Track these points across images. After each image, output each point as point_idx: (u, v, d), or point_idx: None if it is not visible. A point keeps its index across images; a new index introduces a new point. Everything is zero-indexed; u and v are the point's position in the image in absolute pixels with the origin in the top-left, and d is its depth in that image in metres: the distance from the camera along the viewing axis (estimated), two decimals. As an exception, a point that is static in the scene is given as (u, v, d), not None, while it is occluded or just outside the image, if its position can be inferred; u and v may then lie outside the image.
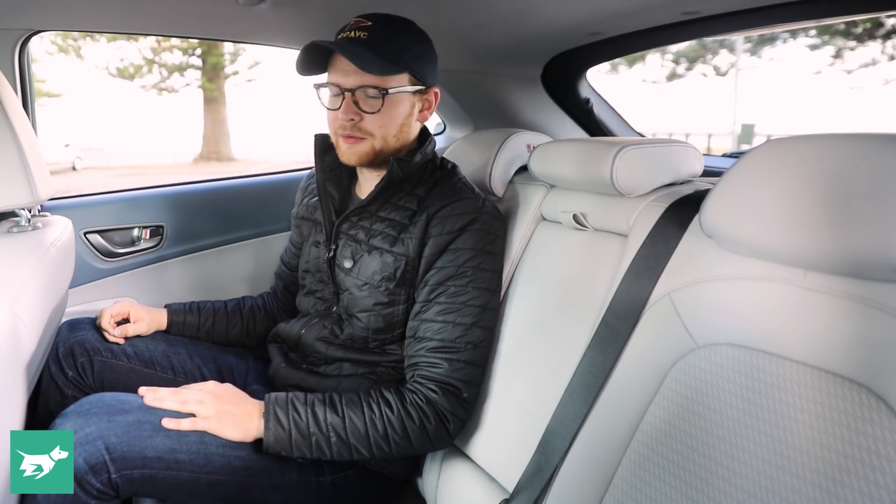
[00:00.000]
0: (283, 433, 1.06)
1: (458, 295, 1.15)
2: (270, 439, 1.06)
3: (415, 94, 1.18)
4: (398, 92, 1.14)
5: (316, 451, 1.08)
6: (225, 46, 15.17)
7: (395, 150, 1.20)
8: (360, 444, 1.09)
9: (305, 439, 1.07)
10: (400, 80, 1.14)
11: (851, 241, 0.66)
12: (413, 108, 1.19)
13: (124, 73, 15.72)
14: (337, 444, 1.08)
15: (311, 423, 1.08)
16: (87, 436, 0.97)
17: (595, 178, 1.12)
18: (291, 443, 1.06)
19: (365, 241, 1.22)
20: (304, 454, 1.08)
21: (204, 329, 1.45)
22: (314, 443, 1.07)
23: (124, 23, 1.53)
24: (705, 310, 0.84)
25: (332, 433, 1.08)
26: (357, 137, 1.16)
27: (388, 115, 1.15)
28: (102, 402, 1.04)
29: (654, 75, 19.63)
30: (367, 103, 1.14)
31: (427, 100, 1.22)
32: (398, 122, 1.17)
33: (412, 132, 1.23)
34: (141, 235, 1.74)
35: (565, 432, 0.97)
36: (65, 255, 1.23)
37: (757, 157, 0.77)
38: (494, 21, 1.48)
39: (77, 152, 14.82)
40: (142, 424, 1.02)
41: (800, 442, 0.71)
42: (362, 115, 1.14)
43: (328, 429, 1.08)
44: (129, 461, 0.98)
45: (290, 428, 1.07)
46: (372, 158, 1.19)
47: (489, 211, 1.21)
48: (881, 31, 11.63)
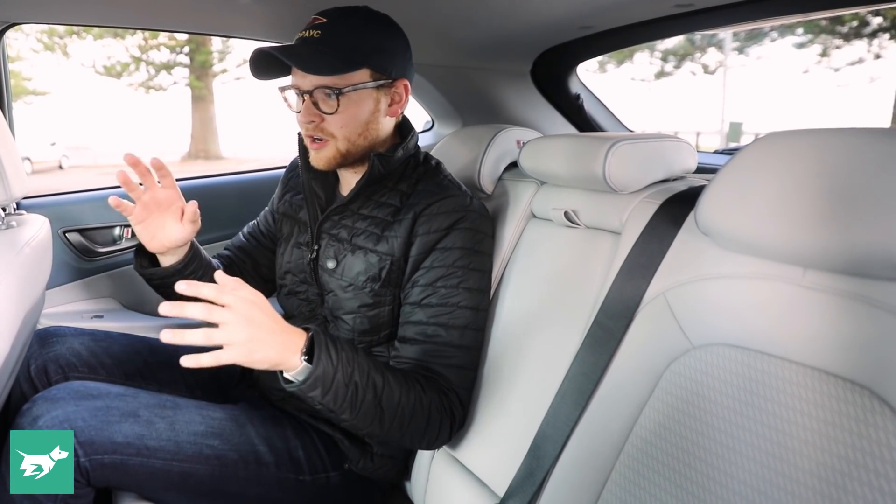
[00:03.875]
0: (331, 370, 0.92)
1: (449, 297, 1.12)
2: (318, 371, 0.90)
3: (379, 90, 1.13)
4: (355, 90, 1.09)
5: (347, 401, 0.95)
6: (213, 45, 15.08)
7: (366, 148, 1.16)
8: (389, 412, 1.00)
9: (345, 386, 0.94)
10: (359, 76, 1.10)
11: (852, 237, 0.64)
12: (378, 105, 1.14)
13: (111, 70, 15.60)
14: (368, 403, 0.97)
15: (357, 372, 0.96)
16: (53, 418, 0.97)
17: (587, 175, 1.10)
18: (333, 383, 0.93)
19: (348, 240, 1.19)
20: (335, 400, 0.94)
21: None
22: (350, 393, 0.95)
23: (105, 16, 1.50)
24: (701, 309, 0.82)
25: (371, 390, 0.98)
26: (321, 141, 1.13)
27: (348, 115, 1.11)
28: (70, 388, 1.04)
29: (642, 73, 19.71)
30: (325, 104, 1.10)
31: (396, 93, 1.16)
32: (361, 120, 1.13)
33: (382, 129, 1.17)
34: (122, 234, 1.71)
35: (557, 435, 0.95)
36: (41, 254, 1.19)
37: (754, 151, 0.74)
38: (483, 14, 1.46)
39: (64, 151, 14.74)
40: (110, 410, 1.01)
41: (799, 446, 0.68)
42: (323, 116, 1.11)
43: (369, 383, 0.97)
44: (98, 446, 0.97)
45: (337, 366, 0.93)
46: (340, 161, 1.16)
47: (477, 209, 1.18)
48: (867, 29, 11.73)
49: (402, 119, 1.25)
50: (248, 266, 1.41)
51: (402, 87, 1.16)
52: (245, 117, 21.33)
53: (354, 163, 1.19)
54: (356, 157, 1.16)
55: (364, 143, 1.15)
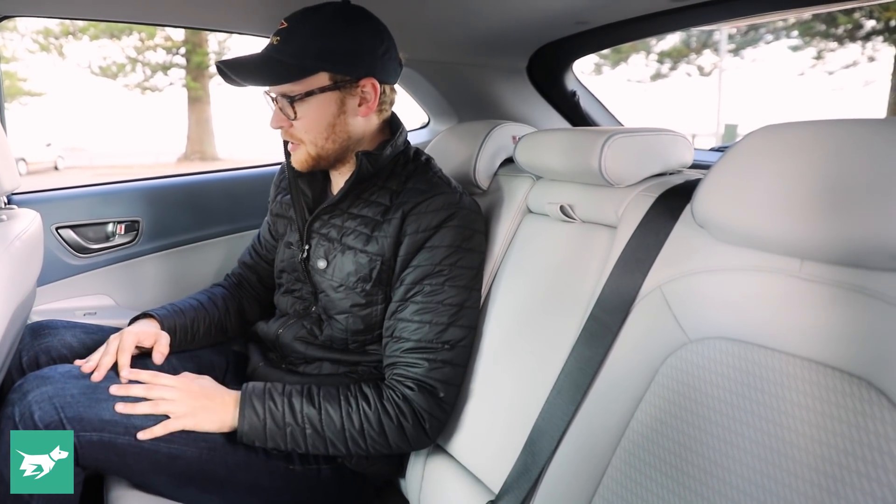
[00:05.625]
0: (258, 422, 1.05)
1: (434, 294, 1.11)
2: (245, 427, 1.04)
3: (342, 91, 1.11)
4: (310, 95, 1.09)
5: (290, 442, 1.06)
6: (209, 45, 15.04)
7: (338, 152, 1.16)
8: (336, 438, 1.07)
9: (280, 430, 1.05)
10: (317, 80, 1.09)
11: (849, 228, 0.63)
12: (344, 106, 1.12)
13: (107, 71, 15.53)
14: (312, 436, 1.06)
15: (287, 414, 1.06)
16: (42, 394, 0.98)
17: (583, 168, 1.09)
18: (266, 432, 1.05)
19: (338, 239, 1.18)
20: (279, 445, 1.06)
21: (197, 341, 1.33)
22: (289, 434, 1.06)
23: (99, 9, 1.48)
24: (697, 302, 0.81)
25: (308, 425, 1.06)
26: (294, 144, 1.15)
27: (310, 120, 1.11)
28: (62, 369, 1.05)
29: (638, 75, 19.72)
30: (287, 110, 1.11)
31: (363, 92, 1.12)
32: (324, 124, 1.12)
33: (355, 130, 1.15)
34: (115, 231, 1.70)
35: (553, 431, 0.94)
36: (31, 249, 1.18)
37: (751, 143, 0.74)
38: (479, 10, 1.45)
39: (59, 152, 14.68)
40: (98, 388, 1.03)
41: (797, 439, 0.68)
42: (290, 122, 1.12)
43: (304, 420, 1.06)
44: (87, 423, 0.98)
45: (265, 417, 1.05)
46: (314, 163, 1.17)
47: (467, 206, 1.17)
48: (861, 32, 11.77)
49: (391, 115, 1.23)
50: (255, 280, 1.45)
51: (371, 87, 1.12)
52: (241, 118, 21.28)
53: (334, 163, 1.19)
54: (331, 159, 1.17)
55: (333, 147, 1.15)
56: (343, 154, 1.17)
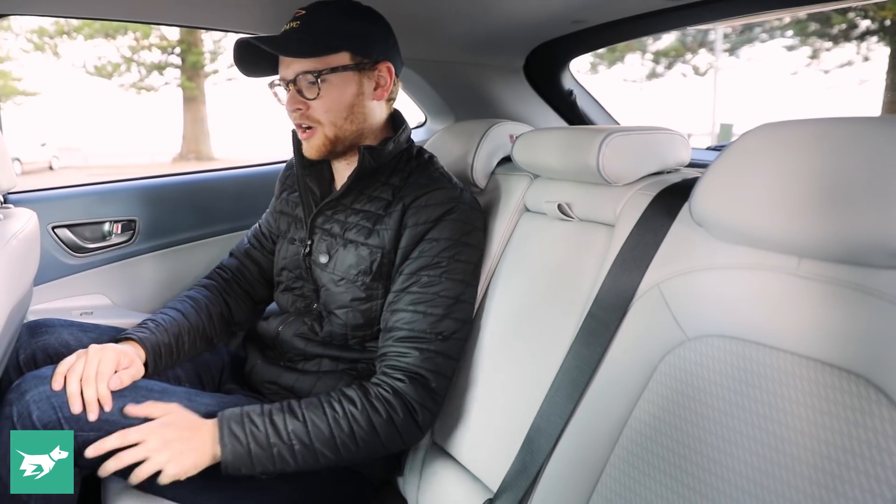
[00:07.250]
0: (242, 448, 0.99)
1: (430, 285, 1.11)
2: (228, 457, 0.99)
3: (361, 73, 1.14)
4: (334, 72, 1.11)
5: (279, 462, 1.02)
6: (205, 45, 15.01)
7: (355, 134, 1.17)
8: (326, 447, 1.03)
9: (266, 451, 1.00)
10: (339, 59, 1.11)
11: (848, 225, 0.64)
12: (362, 88, 1.15)
13: (102, 71, 15.46)
14: (301, 451, 1.02)
15: (271, 434, 1.01)
16: (39, 394, 0.97)
17: (581, 167, 1.09)
18: (251, 458, 1.00)
19: (340, 234, 1.19)
20: (267, 468, 1.01)
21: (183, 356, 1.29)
22: (276, 454, 1.01)
23: (93, 7, 1.47)
24: (695, 300, 0.81)
25: (295, 441, 1.02)
26: (310, 129, 1.14)
27: (331, 99, 1.12)
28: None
29: (633, 75, 19.75)
30: (308, 90, 1.12)
31: (380, 76, 1.16)
32: (345, 104, 1.13)
33: (370, 114, 1.17)
34: (112, 230, 1.69)
35: (551, 429, 0.94)
36: (27, 248, 1.18)
37: (749, 141, 0.74)
38: (475, 8, 1.44)
39: (54, 151, 14.65)
40: None
41: (796, 436, 0.68)
42: (307, 103, 1.12)
43: (290, 437, 1.02)
44: (84, 422, 0.97)
45: (247, 442, 1.00)
46: (330, 149, 1.16)
47: (467, 201, 1.18)
48: (856, 32, 11.80)
49: (395, 112, 1.25)
50: (254, 271, 1.42)
51: (386, 70, 1.16)
52: (236, 118, 21.27)
53: (346, 151, 1.19)
54: (346, 143, 1.17)
55: (352, 128, 1.16)
56: (357, 139, 1.17)
